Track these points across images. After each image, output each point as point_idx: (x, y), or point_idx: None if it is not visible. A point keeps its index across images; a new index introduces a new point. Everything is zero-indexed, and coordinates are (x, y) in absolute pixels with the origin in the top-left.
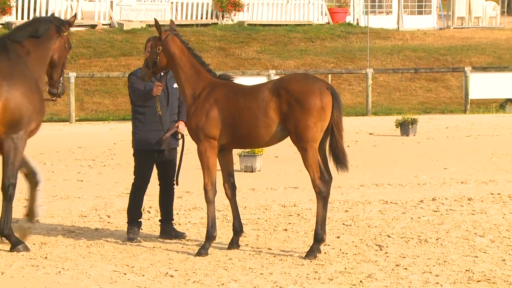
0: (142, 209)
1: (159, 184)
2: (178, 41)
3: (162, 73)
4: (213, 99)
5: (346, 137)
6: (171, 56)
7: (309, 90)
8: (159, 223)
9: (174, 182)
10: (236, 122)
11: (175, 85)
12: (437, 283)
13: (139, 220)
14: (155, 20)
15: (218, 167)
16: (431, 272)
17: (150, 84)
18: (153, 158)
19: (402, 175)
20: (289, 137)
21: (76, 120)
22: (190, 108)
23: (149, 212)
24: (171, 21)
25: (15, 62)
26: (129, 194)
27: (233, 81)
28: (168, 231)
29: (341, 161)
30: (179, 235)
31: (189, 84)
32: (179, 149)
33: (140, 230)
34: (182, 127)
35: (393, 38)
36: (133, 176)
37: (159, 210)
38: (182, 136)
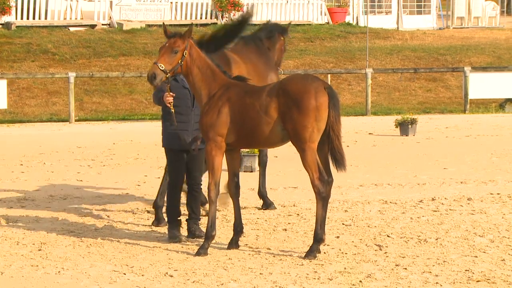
0: (180, 208)
1: (186, 183)
2: (195, 45)
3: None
4: (226, 98)
5: (345, 137)
6: (193, 60)
7: (304, 90)
8: (185, 222)
9: (201, 182)
10: (242, 120)
11: None
12: (436, 283)
13: (179, 218)
14: (164, 25)
15: (224, 166)
16: (430, 272)
17: (161, 87)
18: (182, 156)
19: (401, 175)
20: None
21: (76, 120)
22: (204, 107)
23: (148, 212)
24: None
25: (267, 55)
26: (166, 194)
27: (247, 82)
28: (192, 230)
29: (338, 161)
30: (203, 235)
31: (206, 85)
32: None
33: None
34: None
35: (393, 38)
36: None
37: (186, 209)
38: None
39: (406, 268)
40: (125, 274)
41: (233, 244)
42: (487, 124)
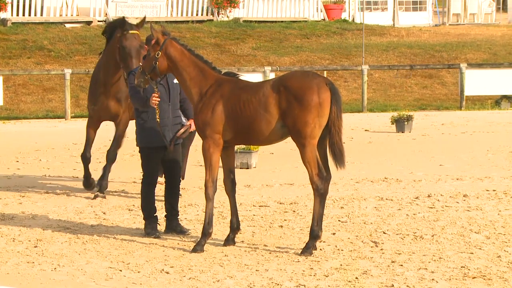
0: (155, 204)
1: (164, 181)
2: (177, 44)
3: (159, 79)
4: (219, 94)
5: (343, 133)
6: (171, 60)
7: (307, 86)
8: (165, 218)
9: (180, 178)
10: (238, 116)
11: (175, 80)
12: (432, 279)
13: (155, 215)
14: (151, 25)
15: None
16: (426, 269)
17: (147, 90)
18: (159, 154)
19: (397, 172)
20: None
21: (72, 117)
22: (197, 105)
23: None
24: (162, 26)
25: None
26: (140, 192)
27: (239, 78)
28: (173, 226)
29: (337, 157)
30: (184, 231)
31: (195, 84)
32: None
33: (158, 225)
34: (194, 126)
35: (389, 35)
36: (142, 173)
37: (164, 206)
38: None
39: (402, 265)
40: (121, 270)
41: (230, 241)
42: (483, 121)
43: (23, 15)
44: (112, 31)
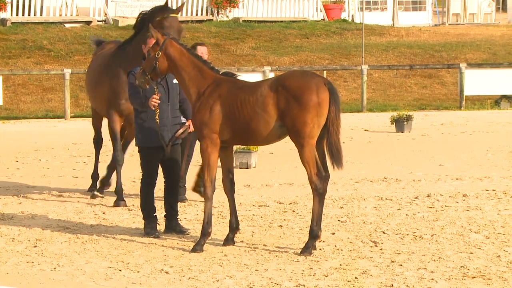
0: (155, 204)
1: (164, 181)
2: (176, 44)
3: (159, 79)
4: (217, 94)
5: (341, 133)
6: (171, 60)
7: (306, 86)
8: (164, 218)
9: (180, 178)
10: (236, 116)
11: (175, 81)
12: (432, 279)
13: (154, 214)
14: (150, 25)
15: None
16: (426, 269)
17: (146, 90)
18: (158, 154)
19: (397, 172)
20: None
21: (71, 117)
22: (195, 105)
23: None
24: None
25: None
26: (139, 191)
27: (237, 78)
28: (173, 226)
29: (335, 157)
30: (184, 231)
31: (193, 84)
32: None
33: (157, 225)
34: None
35: (388, 35)
36: (141, 173)
37: (163, 206)
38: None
39: (401, 265)
40: (120, 270)
41: (229, 240)
42: (483, 121)
43: (23, 15)
44: (148, 18)
